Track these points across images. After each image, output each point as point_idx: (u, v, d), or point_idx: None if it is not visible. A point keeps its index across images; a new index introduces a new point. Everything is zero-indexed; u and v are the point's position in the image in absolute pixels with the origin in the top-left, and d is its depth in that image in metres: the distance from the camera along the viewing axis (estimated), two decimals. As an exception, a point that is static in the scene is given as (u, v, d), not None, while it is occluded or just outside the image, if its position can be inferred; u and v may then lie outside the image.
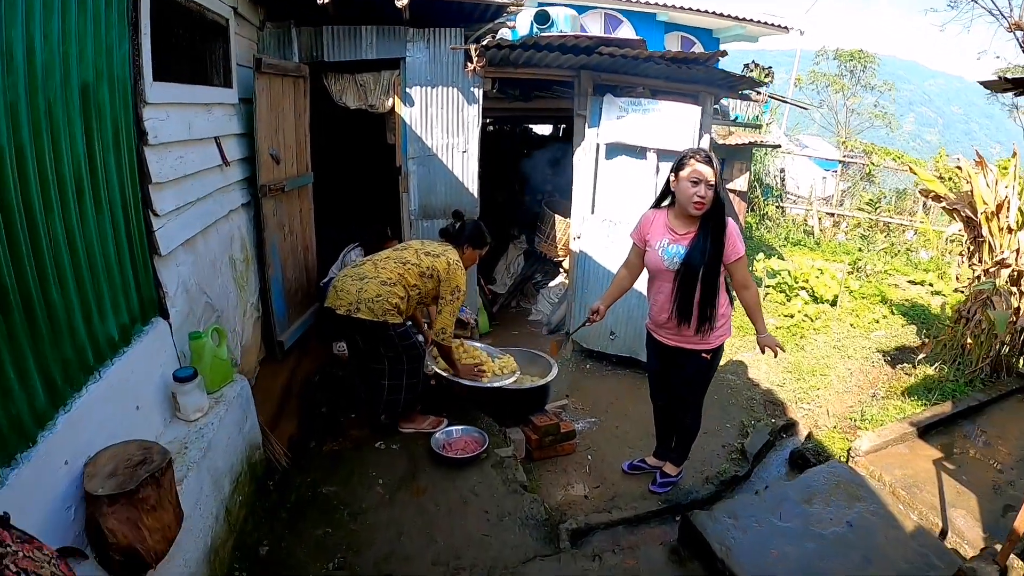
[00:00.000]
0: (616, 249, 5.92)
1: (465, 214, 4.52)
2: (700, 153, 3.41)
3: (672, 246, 3.54)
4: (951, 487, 4.35)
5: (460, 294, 4.16)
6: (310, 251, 5.66)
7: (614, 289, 3.95)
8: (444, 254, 4.15)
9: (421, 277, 4.08)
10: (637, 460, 4.69)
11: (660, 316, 3.72)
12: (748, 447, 5.10)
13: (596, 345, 6.41)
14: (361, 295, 3.90)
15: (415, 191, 5.84)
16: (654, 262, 3.62)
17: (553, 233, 7.31)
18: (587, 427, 5.33)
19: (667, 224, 3.60)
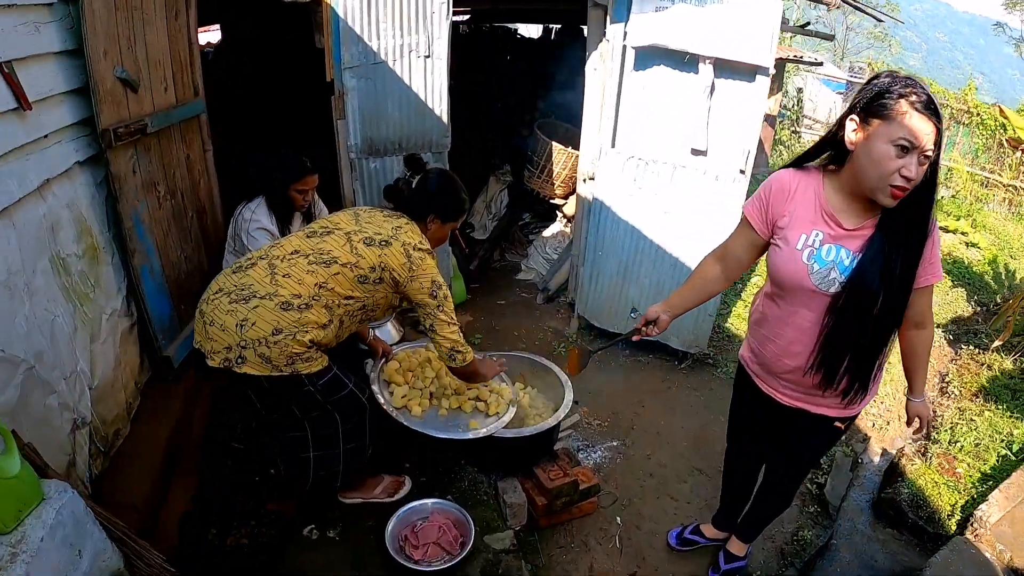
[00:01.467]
0: (646, 200, 4.40)
1: (427, 159, 2.89)
2: (919, 91, 1.84)
3: (830, 249, 2.10)
4: None
5: (443, 290, 2.64)
6: (208, 214, 3.92)
7: (692, 291, 2.54)
8: (396, 236, 2.56)
9: (360, 284, 2.51)
10: (688, 530, 3.40)
11: (781, 361, 2.35)
12: (828, 494, 3.90)
13: (610, 324, 4.90)
14: (246, 334, 2.32)
15: (355, 117, 4.09)
16: (790, 271, 2.17)
17: (549, 167, 5.65)
18: (607, 458, 3.91)
19: (822, 206, 2.12)
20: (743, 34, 3.85)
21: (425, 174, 2.79)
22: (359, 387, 2.70)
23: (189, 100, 3.65)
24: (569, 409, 3.35)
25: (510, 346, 4.73)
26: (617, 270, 4.67)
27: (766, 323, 2.40)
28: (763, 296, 2.45)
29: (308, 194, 3.48)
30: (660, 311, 2.49)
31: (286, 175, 3.40)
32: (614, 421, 4.22)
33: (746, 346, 2.62)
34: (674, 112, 4.21)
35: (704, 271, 2.49)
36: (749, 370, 2.59)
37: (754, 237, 2.30)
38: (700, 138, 4.13)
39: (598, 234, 4.62)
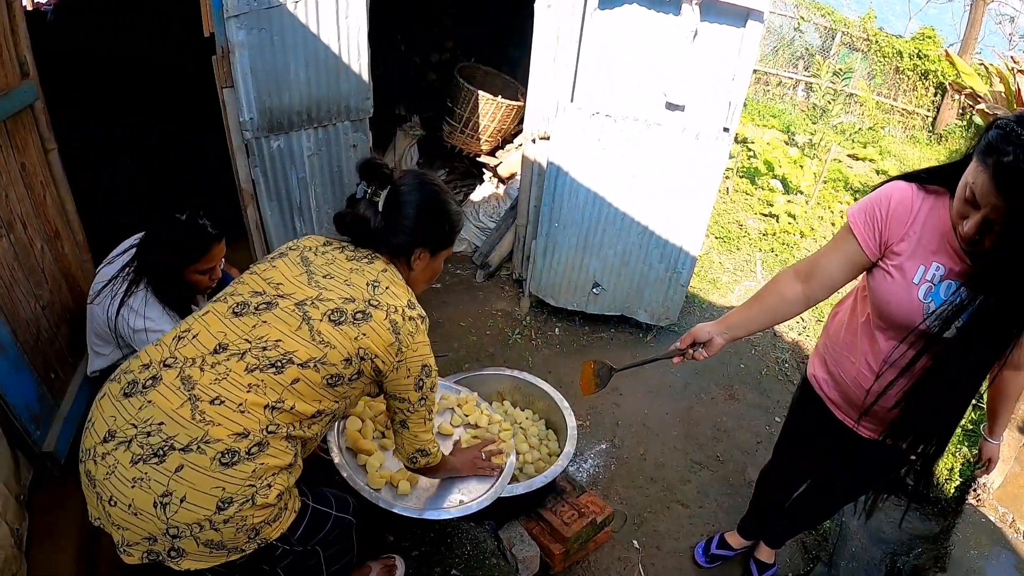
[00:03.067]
0: (612, 162, 3.83)
1: (384, 162, 1.86)
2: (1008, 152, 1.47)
3: (950, 286, 1.75)
4: None
5: (431, 378, 1.86)
6: (64, 237, 2.88)
7: (763, 313, 2.04)
8: (376, 300, 1.69)
9: (332, 388, 1.65)
10: (715, 544, 3.06)
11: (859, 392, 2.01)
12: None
13: (569, 302, 4.37)
14: (174, 518, 1.45)
15: (247, 82, 3.14)
16: (901, 307, 1.81)
17: (475, 119, 4.91)
18: (600, 466, 3.46)
19: (946, 236, 1.74)
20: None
21: (395, 188, 1.82)
22: (341, 503, 1.92)
23: (15, 86, 2.54)
24: (574, 433, 2.84)
25: (458, 340, 4.13)
26: (576, 242, 4.11)
27: (856, 350, 2.00)
28: (854, 313, 2.04)
29: (215, 269, 2.44)
30: (715, 332, 1.97)
31: (181, 259, 2.33)
32: (595, 418, 3.75)
33: (819, 365, 2.22)
34: (648, 60, 3.61)
35: (780, 289, 2.00)
36: (823, 394, 2.20)
37: (858, 255, 1.86)
38: (678, 91, 3.59)
39: (554, 202, 4.01)
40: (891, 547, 3.41)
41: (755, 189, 7.31)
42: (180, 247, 2.28)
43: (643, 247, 4.07)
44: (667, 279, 4.18)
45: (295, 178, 3.55)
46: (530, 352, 4.17)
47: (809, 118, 11.04)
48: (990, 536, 3.31)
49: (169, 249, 2.27)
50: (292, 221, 3.67)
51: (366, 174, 1.81)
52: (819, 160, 8.26)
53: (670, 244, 4.05)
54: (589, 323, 4.54)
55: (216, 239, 2.31)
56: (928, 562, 3.13)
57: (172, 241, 2.27)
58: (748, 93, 12.12)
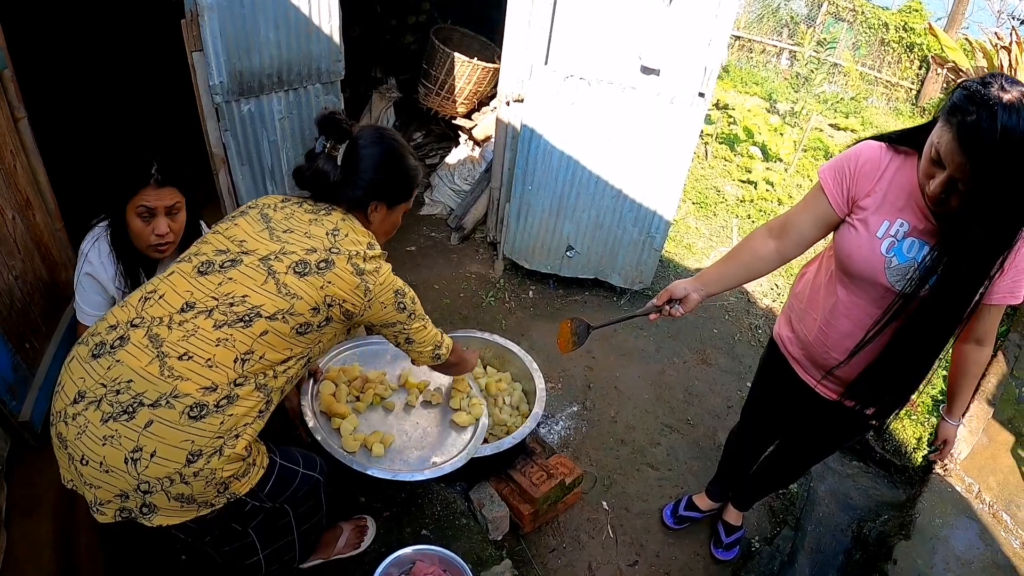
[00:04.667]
0: (586, 125, 3.82)
1: (344, 117, 1.89)
2: (970, 114, 1.51)
3: (912, 243, 1.78)
4: None
5: (407, 295, 1.91)
6: (35, 206, 2.79)
7: (737, 268, 2.08)
8: (336, 248, 1.72)
9: (301, 336, 1.68)
10: (683, 505, 3.10)
11: (829, 355, 2.05)
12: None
13: (542, 265, 4.38)
14: (145, 473, 1.47)
15: (216, 45, 3.05)
16: (864, 260, 1.84)
17: (451, 82, 4.86)
18: (571, 428, 3.49)
19: (913, 195, 1.76)
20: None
21: (353, 142, 1.86)
22: (309, 461, 1.94)
23: None
24: (544, 395, 2.87)
25: (432, 303, 4.14)
26: (550, 205, 4.11)
27: (819, 307, 2.03)
28: (820, 271, 2.07)
29: (160, 222, 2.14)
30: (691, 288, 2.00)
31: (117, 187, 2.11)
32: (567, 381, 3.77)
33: (784, 323, 2.25)
34: (624, 23, 3.58)
35: (753, 246, 2.03)
36: (786, 353, 2.23)
37: (828, 212, 1.88)
38: (654, 55, 3.57)
39: (527, 165, 4.00)
40: (858, 513, 3.46)
41: (734, 156, 7.30)
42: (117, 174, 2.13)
43: (617, 211, 4.07)
44: (641, 243, 4.19)
45: (266, 142, 3.51)
46: (504, 315, 4.18)
47: (791, 86, 10.95)
48: (955, 505, 3.37)
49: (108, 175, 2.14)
50: (264, 184, 3.64)
51: (325, 128, 1.85)
52: (800, 128, 8.26)
53: (644, 208, 4.06)
54: (563, 286, 4.55)
55: (157, 180, 2.11)
56: (893, 529, 3.18)
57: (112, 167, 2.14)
58: (731, 59, 12.13)
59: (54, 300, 2.83)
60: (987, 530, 3.34)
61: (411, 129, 5.66)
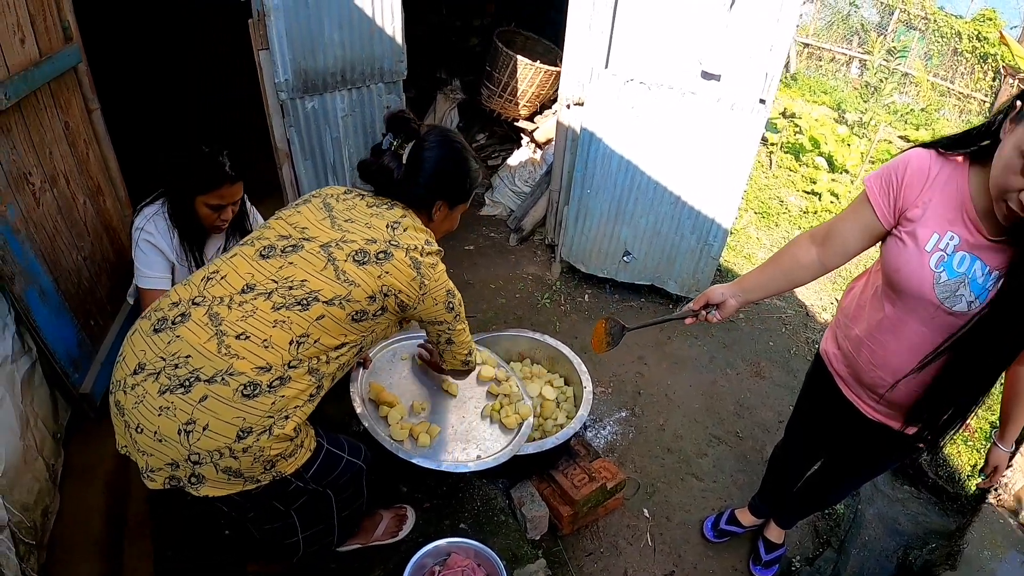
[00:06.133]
0: (646, 130, 3.82)
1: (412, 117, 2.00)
2: None
3: (963, 258, 1.67)
4: None
5: (456, 296, 1.97)
6: (106, 193, 3.03)
7: (778, 275, 2.03)
8: (396, 241, 1.78)
9: (356, 323, 1.74)
10: (724, 519, 3.06)
11: (876, 374, 1.96)
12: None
13: (599, 269, 4.39)
14: (196, 445, 1.55)
15: (282, 44, 3.22)
16: (912, 275, 1.74)
17: (514, 84, 4.93)
18: (618, 433, 3.50)
19: (965, 205, 1.66)
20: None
21: (419, 142, 1.93)
22: (354, 449, 2.04)
23: (58, 50, 2.68)
24: (590, 398, 2.88)
25: (488, 302, 4.20)
26: (608, 209, 4.12)
27: (864, 323, 1.97)
28: (867, 286, 2.00)
29: (227, 210, 2.43)
30: (729, 294, 1.98)
31: (191, 183, 2.35)
32: (617, 386, 3.78)
33: (831, 339, 2.19)
34: (684, 28, 3.58)
35: (795, 253, 1.98)
36: (832, 370, 2.17)
37: (873, 222, 1.81)
38: (714, 60, 3.56)
39: (587, 169, 4.01)
40: (905, 539, 3.37)
41: (799, 166, 7.18)
42: (194, 174, 2.34)
43: (675, 217, 4.06)
44: (698, 251, 4.17)
45: (329, 138, 3.64)
46: (558, 317, 4.21)
47: (861, 96, 10.75)
48: (1006, 537, 3.23)
49: (184, 173, 2.35)
50: (326, 178, 3.77)
51: (393, 126, 1.94)
52: (868, 140, 8.06)
53: (702, 215, 4.04)
54: (619, 291, 4.55)
55: (231, 179, 2.36)
56: (940, 559, 3.09)
57: (188, 166, 2.34)
58: (799, 67, 11.93)
59: (120, 281, 3.01)
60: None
61: (474, 130, 5.74)
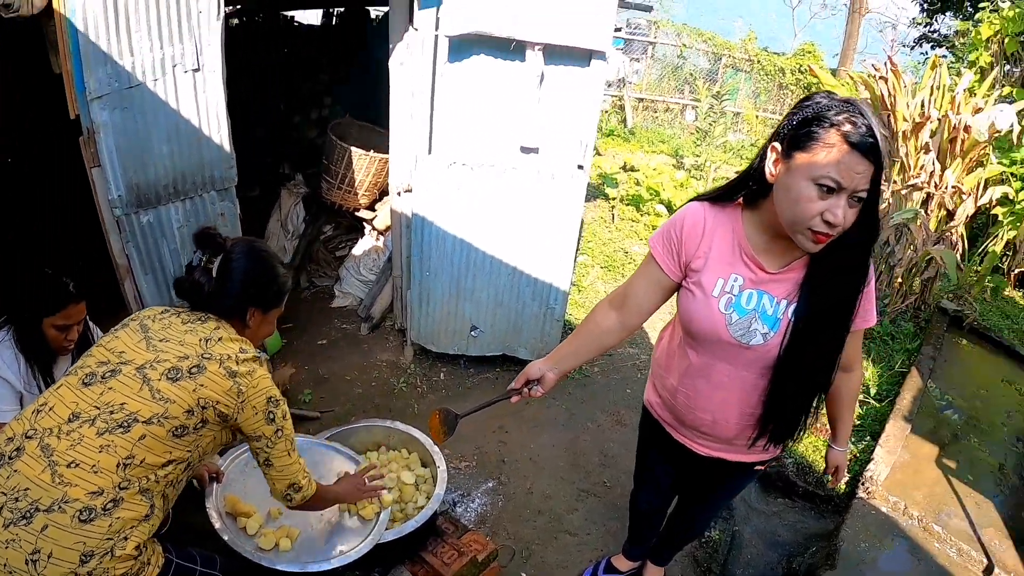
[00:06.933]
0: (475, 208, 4.02)
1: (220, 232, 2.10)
2: (857, 119, 1.53)
3: (751, 295, 1.85)
4: (967, 497, 3.92)
5: (280, 406, 1.99)
6: None
7: (584, 344, 2.13)
8: (209, 354, 1.86)
9: (178, 439, 1.79)
10: (602, 567, 3.13)
11: (695, 415, 2.11)
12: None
13: (449, 347, 4.51)
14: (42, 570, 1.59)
15: (113, 161, 3.21)
16: (705, 321, 1.90)
17: (351, 175, 5.04)
18: (487, 504, 3.56)
19: (742, 246, 1.85)
20: (576, 15, 3.54)
21: (227, 255, 2.02)
22: (207, 560, 2.06)
23: None
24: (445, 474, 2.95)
25: (344, 394, 4.23)
26: (449, 288, 4.26)
27: (675, 372, 2.13)
28: (673, 337, 2.18)
29: (72, 330, 2.49)
30: (545, 368, 2.05)
31: (37, 306, 2.38)
32: (481, 458, 3.86)
33: (651, 389, 2.36)
34: (499, 107, 3.82)
35: (597, 320, 2.12)
36: (658, 417, 2.32)
37: (662, 278, 1.98)
38: (531, 135, 3.81)
39: (423, 252, 4.15)
40: (787, 549, 3.56)
41: (641, 215, 7.59)
42: (39, 297, 2.38)
43: (515, 287, 4.24)
44: (542, 315, 4.36)
45: (167, 250, 3.62)
46: (416, 399, 4.27)
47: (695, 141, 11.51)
48: (881, 527, 3.47)
49: (28, 296, 2.39)
50: (168, 291, 3.71)
51: (200, 243, 2.03)
52: (704, 180, 8.66)
53: (540, 281, 4.24)
54: (473, 365, 4.65)
55: (74, 299, 2.42)
56: (821, 560, 3.26)
57: (33, 289, 2.39)
58: (637, 122, 12.57)
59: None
60: (919, 545, 3.45)
61: (320, 222, 5.76)
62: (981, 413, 4.89)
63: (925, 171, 5.89)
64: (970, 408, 4.91)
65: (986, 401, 5.10)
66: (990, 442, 4.58)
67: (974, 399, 5.08)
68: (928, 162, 5.87)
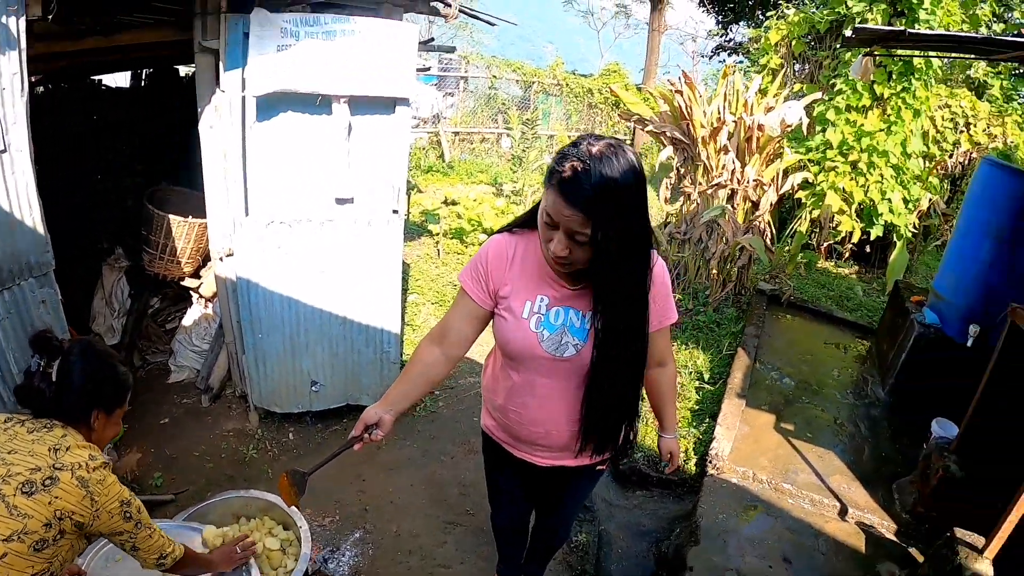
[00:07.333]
0: (298, 264, 4.04)
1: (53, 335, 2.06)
2: (566, 168, 1.74)
3: (558, 312, 2.04)
4: (809, 452, 4.35)
5: (134, 503, 1.99)
6: None
7: (412, 382, 2.19)
8: (60, 464, 1.83)
9: (38, 553, 1.76)
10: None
11: (528, 430, 2.26)
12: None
13: (293, 406, 4.44)
14: None
15: None
16: (519, 341, 2.07)
17: (171, 244, 4.88)
18: (359, 554, 3.56)
19: (543, 267, 2.03)
20: (379, 66, 3.68)
21: (65, 358, 2.00)
22: None
23: None
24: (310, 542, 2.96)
25: (195, 471, 4.10)
26: (283, 347, 4.23)
27: (502, 393, 2.28)
28: (496, 361, 2.33)
29: None
30: (381, 411, 2.09)
31: None
32: (343, 510, 3.85)
33: (485, 414, 2.50)
34: (311, 161, 3.88)
35: (422, 357, 2.21)
36: (496, 439, 2.45)
37: (475, 309, 2.13)
38: (344, 185, 3.89)
39: (252, 314, 4.10)
40: (653, 536, 3.80)
41: (466, 247, 7.82)
42: None
43: (348, 336, 4.29)
44: (379, 360, 4.43)
45: (-7, 348, 3.40)
46: (268, 464, 4.20)
47: (512, 167, 11.94)
48: (734, 496, 3.76)
49: None
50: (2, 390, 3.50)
51: (37, 348, 2.00)
52: (524, 205, 8.97)
53: (371, 327, 4.31)
54: (320, 420, 4.60)
55: None
56: (686, 538, 3.49)
57: None
58: (454, 155, 12.76)
59: None
60: (773, 504, 3.76)
61: (145, 297, 5.51)
62: (810, 376, 5.40)
63: (727, 170, 6.49)
64: (798, 374, 5.40)
65: (813, 365, 5.65)
66: (823, 400, 5.07)
67: (801, 365, 5.60)
68: (728, 161, 6.48)
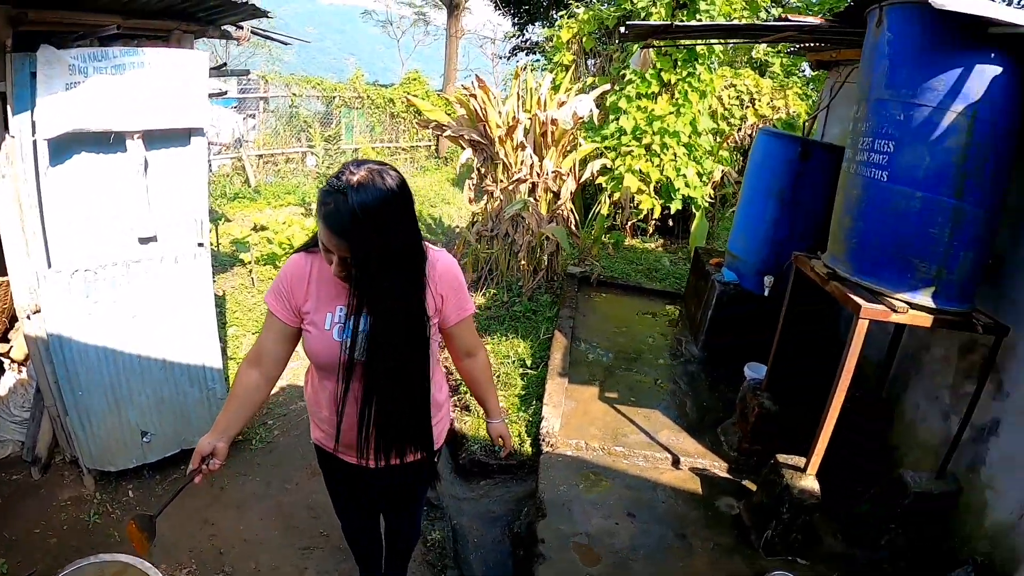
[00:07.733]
0: (109, 312, 3.88)
1: None
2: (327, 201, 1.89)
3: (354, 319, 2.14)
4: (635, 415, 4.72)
5: None
6: None
7: (238, 407, 2.30)
8: None
9: None
10: None
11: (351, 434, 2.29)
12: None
13: (128, 461, 4.22)
14: None
15: None
16: (326, 352, 2.21)
17: (-33, 309, 4.52)
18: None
19: (337, 285, 2.17)
20: (171, 97, 3.63)
21: None
22: None
23: None
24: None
25: (39, 550, 3.79)
26: (107, 401, 4.03)
27: (324, 404, 2.38)
28: (313, 377, 2.43)
29: None
30: (214, 440, 2.20)
31: None
32: (198, 557, 3.73)
33: (314, 428, 2.58)
34: (110, 202, 3.76)
35: (242, 381, 2.32)
36: (328, 449, 2.54)
37: (284, 328, 2.26)
38: (145, 224, 3.81)
39: (69, 372, 3.88)
40: (505, 520, 3.96)
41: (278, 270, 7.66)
42: None
43: (171, 379, 4.17)
44: (205, 398, 4.34)
45: None
46: (113, 526, 3.96)
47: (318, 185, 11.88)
48: (570, 468, 4.00)
49: None
50: None
51: None
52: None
53: (193, 366, 4.23)
54: (158, 471, 4.39)
55: None
56: (535, 514, 3.66)
57: None
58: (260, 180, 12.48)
59: None
60: (610, 468, 4.04)
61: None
62: (627, 346, 5.82)
63: (525, 165, 6.86)
64: (615, 346, 5.81)
65: (628, 335, 6.09)
66: (641, 365, 5.49)
67: (617, 337, 6.03)
68: (526, 157, 6.85)
